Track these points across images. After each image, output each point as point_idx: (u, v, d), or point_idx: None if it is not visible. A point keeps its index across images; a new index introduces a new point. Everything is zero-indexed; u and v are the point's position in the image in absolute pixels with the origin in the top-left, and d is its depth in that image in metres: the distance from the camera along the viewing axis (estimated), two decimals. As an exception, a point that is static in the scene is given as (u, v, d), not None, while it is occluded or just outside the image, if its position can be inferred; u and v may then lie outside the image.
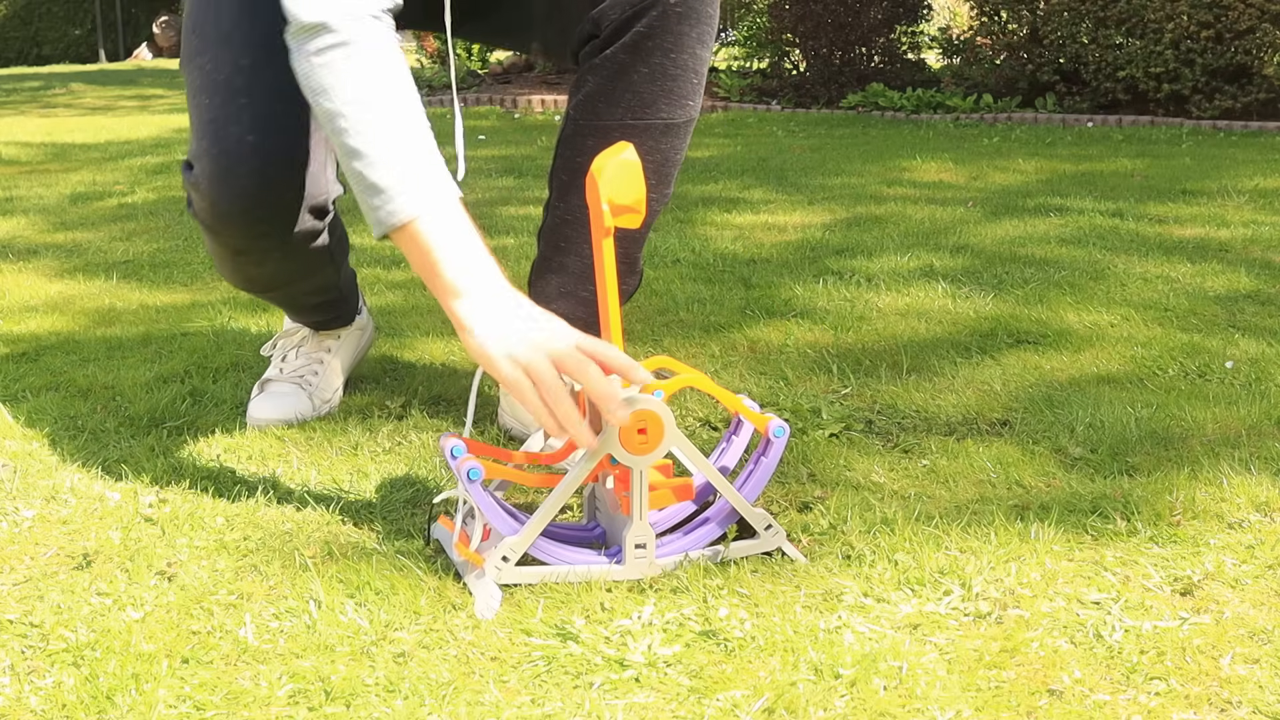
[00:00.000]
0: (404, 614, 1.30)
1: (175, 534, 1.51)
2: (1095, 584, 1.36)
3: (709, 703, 1.13)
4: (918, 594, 1.33)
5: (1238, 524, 1.51)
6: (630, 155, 1.35)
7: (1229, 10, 6.48)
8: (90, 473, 1.71)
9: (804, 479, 1.68)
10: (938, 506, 1.57)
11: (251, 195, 1.63)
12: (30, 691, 1.16)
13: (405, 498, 1.63)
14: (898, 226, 3.58)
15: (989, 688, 1.16)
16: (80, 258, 3.37)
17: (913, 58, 8.21)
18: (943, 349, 2.27)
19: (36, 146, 6.47)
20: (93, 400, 2.05)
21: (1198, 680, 1.17)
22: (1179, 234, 3.40)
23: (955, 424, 1.89)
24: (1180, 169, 4.77)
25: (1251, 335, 2.35)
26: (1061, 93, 7.13)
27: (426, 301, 2.75)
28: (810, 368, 2.18)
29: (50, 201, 4.48)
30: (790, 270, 2.98)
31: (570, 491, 1.38)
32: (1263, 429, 1.84)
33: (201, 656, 1.22)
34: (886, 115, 7.31)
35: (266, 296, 1.90)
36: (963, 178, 4.66)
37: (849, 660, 1.19)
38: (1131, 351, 2.25)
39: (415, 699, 1.14)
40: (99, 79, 12.48)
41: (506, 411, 1.88)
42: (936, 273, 2.93)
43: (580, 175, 1.69)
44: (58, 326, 2.59)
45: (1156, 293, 2.70)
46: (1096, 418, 1.87)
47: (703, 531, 1.44)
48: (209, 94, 1.64)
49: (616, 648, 1.22)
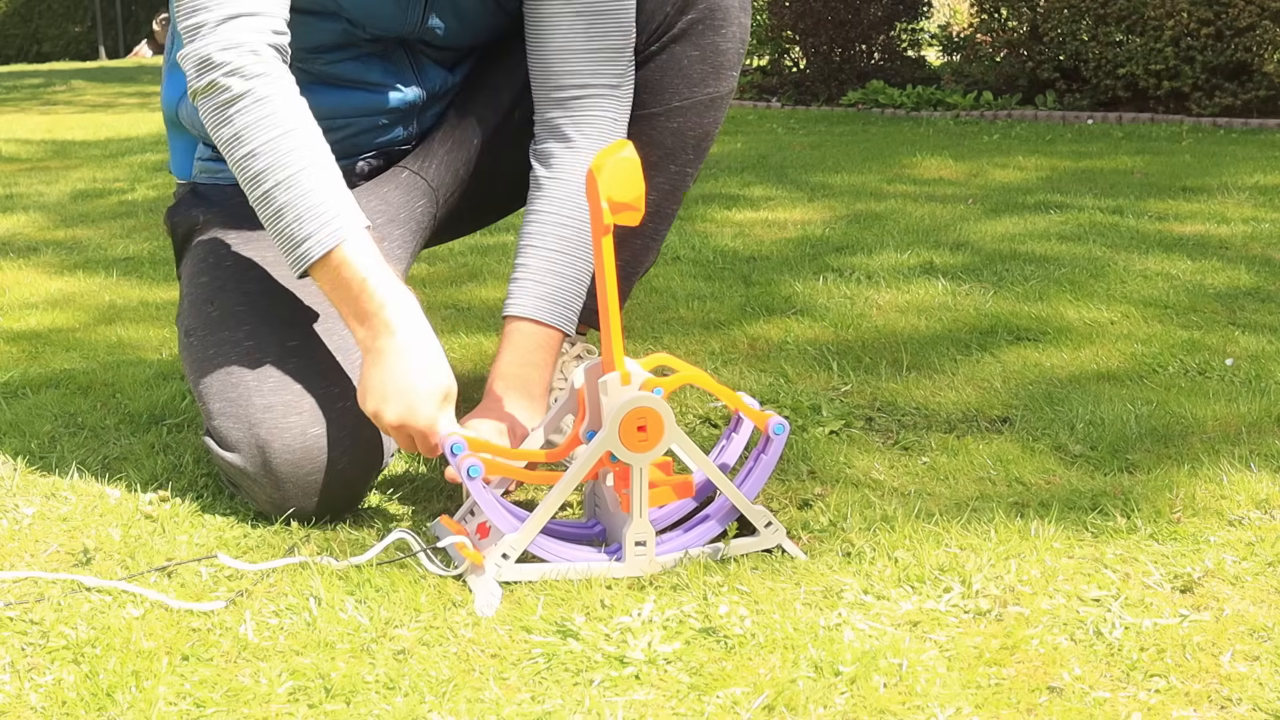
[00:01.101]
0: (404, 611, 1.30)
1: (175, 531, 1.51)
2: (1095, 581, 1.36)
3: (709, 700, 1.13)
4: (918, 591, 1.33)
5: (1238, 521, 1.51)
6: (629, 153, 1.35)
7: (1229, 7, 6.47)
8: (90, 470, 1.71)
9: (804, 476, 1.68)
10: (938, 504, 1.57)
11: (322, 488, 1.50)
12: (31, 689, 1.16)
13: (405, 494, 1.63)
14: (898, 223, 3.58)
15: (989, 685, 1.16)
16: (80, 255, 3.37)
17: (913, 55, 8.20)
18: (943, 346, 2.27)
19: (37, 144, 6.47)
20: (93, 397, 2.05)
21: (1198, 677, 1.17)
22: (1179, 231, 3.40)
23: (955, 421, 1.89)
24: (1180, 166, 4.77)
25: (1252, 332, 2.35)
26: (1062, 90, 7.12)
27: (426, 300, 2.75)
28: (810, 365, 2.18)
29: (51, 199, 4.48)
30: (790, 267, 2.98)
31: (570, 489, 1.38)
32: (1263, 426, 1.84)
33: (201, 654, 1.22)
34: (886, 112, 7.30)
35: None
36: (963, 175, 4.66)
37: (849, 657, 1.19)
38: (1132, 348, 2.25)
39: (415, 696, 1.14)
40: (99, 76, 12.48)
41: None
42: (937, 270, 2.93)
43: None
44: (58, 323, 2.59)
45: (1157, 290, 2.70)
46: (1096, 415, 1.87)
47: (703, 529, 1.44)
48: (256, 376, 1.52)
49: (616, 645, 1.22)
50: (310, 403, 1.50)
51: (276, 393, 1.50)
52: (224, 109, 1.45)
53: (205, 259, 1.68)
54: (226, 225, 1.71)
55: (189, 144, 1.80)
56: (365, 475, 1.54)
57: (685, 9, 1.69)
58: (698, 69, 1.71)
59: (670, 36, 1.70)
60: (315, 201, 1.44)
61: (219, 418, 1.52)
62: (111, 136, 6.74)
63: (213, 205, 1.76)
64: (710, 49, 1.71)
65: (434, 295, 2.79)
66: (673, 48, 1.70)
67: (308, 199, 1.44)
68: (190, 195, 1.81)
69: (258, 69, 1.45)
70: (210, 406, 1.53)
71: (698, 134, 1.76)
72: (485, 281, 2.92)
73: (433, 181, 1.78)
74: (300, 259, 1.45)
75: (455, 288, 2.87)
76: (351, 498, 1.53)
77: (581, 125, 1.66)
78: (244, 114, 1.44)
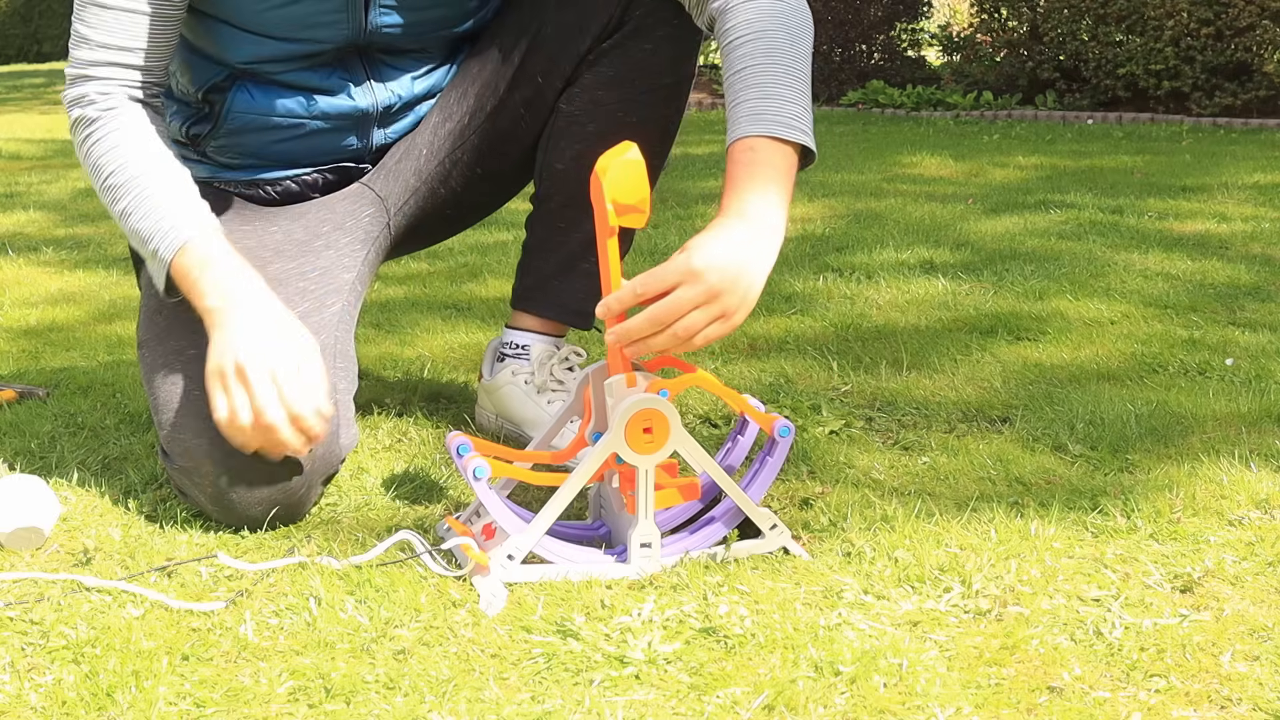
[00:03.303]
0: (404, 611, 1.30)
1: (175, 531, 1.51)
2: (1095, 581, 1.36)
3: (709, 700, 1.13)
4: (918, 591, 1.33)
5: (1238, 521, 1.51)
6: (634, 155, 1.34)
7: (1229, 7, 6.48)
8: (90, 470, 1.71)
9: (804, 476, 1.68)
10: (938, 503, 1.57)
11: (266, 498, 1.50)
12: (30, 689, 1.16)
13: (405, 494, 1.63)
14: (898, 223, 3.58)
15: (989, 685, 1.16)
16: (82, 253, 3.37)
17: (913, 55, 8.20)
18: (943, 345, 2.27)
19: (39, 142, 6.48)
20: (93, 397, 2.05)
21: (1198, 677, 1.17)
22: (1179, 230, 3.40)
23: (955, 421, 1.89)
24: (1180, 165, 4.77)
25: (1252, 331, 2.35)
26: (1062, 90, 7.13)
27: (426, 298, 2.75)
28: (810, 364, 2.18)
29: (52, 197, 4.48)
30: (790, 267, 2.98)
31: (575, 490, 1.38)
32: (1263, 425, 1.84)
33: (201, 654, 1.22)
34: (886, 112, 7.30)
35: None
36: (963, 174, 4.66)
37: (849, 657, 1.19)
38: (1132, 348, 2.25)
39: (415, 696, 1.14)
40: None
41: (484, 408, 1.89)
42: (937, 269, 2.93)
43: (579, 161, 1.70)
44: (59, 322, 2.59)
45: (1157, 289, 2.70)
46: (1096, 414, 1.87)
47: (708, 531, 1.44)
48: (199, 384, 1.50)
49: (617, 645, 1.22)
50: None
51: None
52: (86, 141, 1.59)
53: None
54: None
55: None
56: (311, 487, 1.53)
57: (632, 6, 1.68)
58: (652, 61, 1.69)
59: (623, 33, 1.69)
60: (161, 217, 1.53)
61: (166, 428, 1.53)
62: (112, 136, 6.73)
63: None
64: (666, 39, 1.69)
65: (434, 294, 2.79)
66: (626, 43, 1.69)
67: (156, 214, 1.53)
68: None
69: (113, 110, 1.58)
70: (160, 417, 1.55)
71: (662, 123, 1.75)
72: (485, 281, 2.92)
73: (380, 191, 1.78)
74: (159, 267, 1.53)
75: (455, 286, 2.87)
76: (297, 507, 1.53)
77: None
78: (101, 144, 1.57)
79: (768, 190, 1.41)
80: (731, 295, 1.35)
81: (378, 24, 1.67)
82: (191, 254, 1.50)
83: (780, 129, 1.43)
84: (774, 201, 1.41)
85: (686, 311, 1.34)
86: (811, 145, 1.45)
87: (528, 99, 1.75)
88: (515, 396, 1.83)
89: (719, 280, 1.34)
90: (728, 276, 1.35)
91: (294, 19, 1.63)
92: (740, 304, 1.36)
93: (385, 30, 1.68)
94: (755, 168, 1.42)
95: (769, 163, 1.42)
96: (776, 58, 1.47)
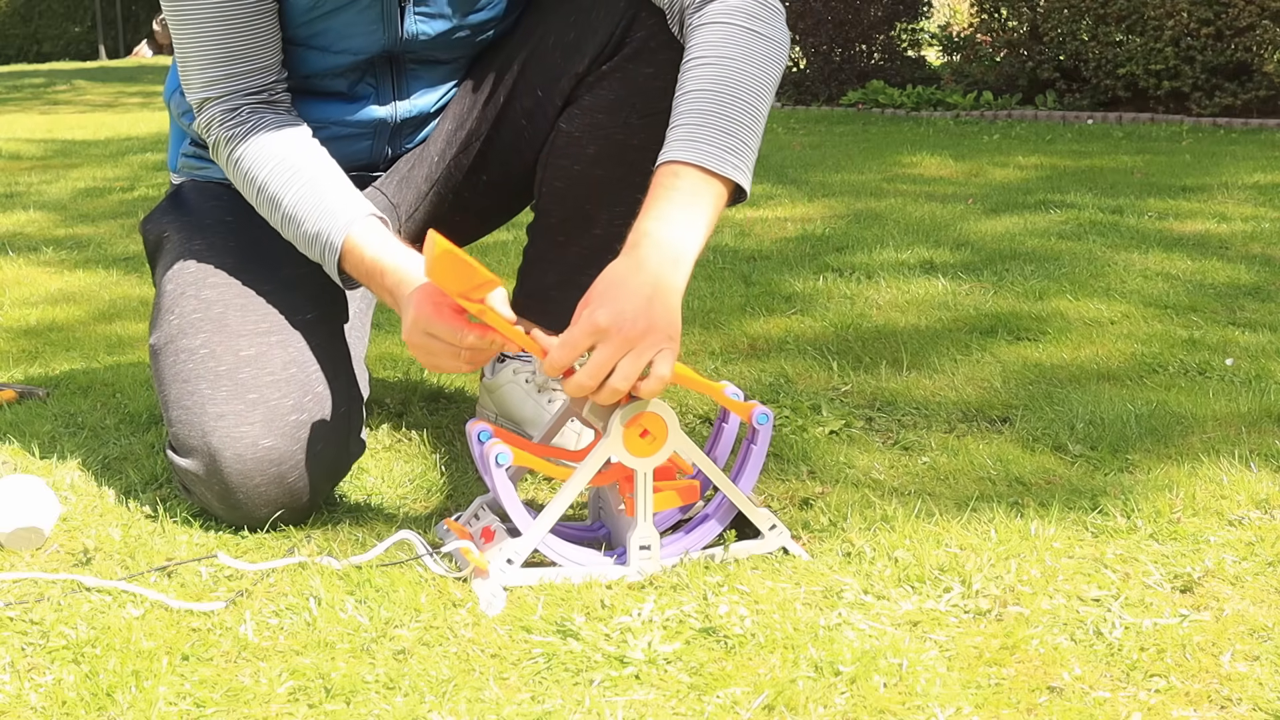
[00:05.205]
0: (404, 611, 1.30)
1: (175, 531, 1.51)
2: (1095, 581, 1.36)
3: (709, 700, 1.13)
4: (918, 591, 1.33)
5: (1238, 521, 1.51)
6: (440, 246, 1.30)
7: (1229, 7, 6.47)
8: (90, 470, 1.71)
9: (804, 476, 1.68)
10: (938, 503, 1.57)
11: (271, 499, 1.51)
12: (30, 689, 1.16)
13: (404, 494, 1.63)
14: (898, 223, 3.58)
15: (989, 685, 1.16)
16: (82, 253, 3.37)
17: (913, 55, 8.20)
18: (943, 345, 2.27)
19: (39, 142, 6.48)
20: (93, 397, 2.05)
21: (1198, 677, 1.17)
22: (1179, 230, 3.40)
23: (955, 421, 1.89)
24: (1180, 165, 4.77)
25: (1252, 331, 2.35)
26: (1062, 90, 7.12)
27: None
28: (810, 364, 2.18)
29: (53, 197, 4.48)
30: (790, 266, 2.98)
31: (575, 493, 1.38)
32: (1263, 425, 1.84)
33: (201, 654, 1.22)
34: (886, 112, 7.30)
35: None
36: (963, 174, 4.66)
37: (849, 657, 1.19)
38: (1132, 348, 2.25)
39: (415, 696, 1.14)
40: (100, 76, 12.48)
41: (485, 408, 1.89)
42: (936, 269, 2.93)
43: (579, 181, 1.70)
44: (59, 322, 2.59)
45: (1157, 289, 2.70)
46: (1096, 414, 1.87)
47: (704, 529, 1.44)
48: (210, 384, 1.53)
49: (616, 645, 1.22)
50: (262, 414, 1.50)
51: (229, 402, 1.51)
52: (231, 157, 1.59)
53: (169, 268, 1.69)
54: (192, 234, 1.71)
55: (179, 137, 1.81)
56: (316, 488, 1.54)
57: (632, 29, 1.64)
58: (653, 85, 1.63)
59: (623, 56, 1.65)
60: (317, 209, 1.53)
61: (176, 425, 1.53)
62: (113, 136, 6.74)
63: (182, 214, 1.76)
64: (668, 64, 1.59)
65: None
66: (627, 66, 1.65)
67: (310, 211, 1.53)
68: (165, 202, 1.81)
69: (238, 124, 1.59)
70: (169, 414, 1.55)
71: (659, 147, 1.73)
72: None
73: (393, 197, 1.78)
74: (331, 268, 1.54)
75: (455, 287, 2.87)
76: (302, 509, 1.53)
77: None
78: (247, 158, 1.58)
79: (680, 221, 1.37)
80: (651, 335, 1.31)
81: (413, 32, 1.67)
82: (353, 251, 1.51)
83: (711, 160, 1.39)
84: (682, 234, 1.37)
85: (612, 367, 1.31)
86: (744, 182, 1.41)
87: (529, 110, 1.74)
88: (516, 395, 1.83)
89: (631, 329, 1.30)
90: (639, 323, 1.31)
91: (334, 30, 1.63)
92: (666, 338, 1.32)
93: (419, 39, 1.68)
94: (675, 194, 1.38)
95: (691, 192, 1.38)
96: (729, 86, 1.43)
